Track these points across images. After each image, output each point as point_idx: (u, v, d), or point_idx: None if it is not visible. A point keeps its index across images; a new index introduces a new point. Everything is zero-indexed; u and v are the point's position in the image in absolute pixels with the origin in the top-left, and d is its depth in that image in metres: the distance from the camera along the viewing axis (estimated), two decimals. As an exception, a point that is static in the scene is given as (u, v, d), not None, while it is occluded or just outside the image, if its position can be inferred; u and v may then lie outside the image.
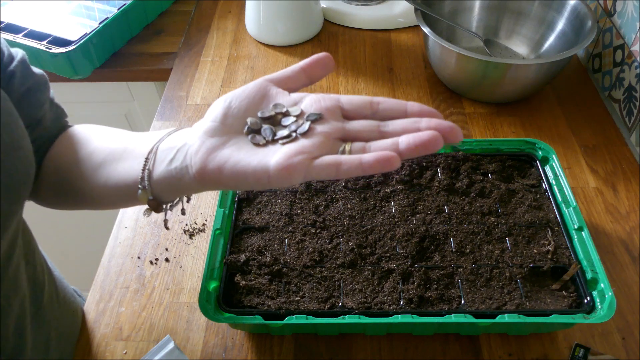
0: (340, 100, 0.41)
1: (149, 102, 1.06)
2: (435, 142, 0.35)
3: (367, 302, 0.55)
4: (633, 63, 0.79)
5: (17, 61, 0.48)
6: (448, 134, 0.36)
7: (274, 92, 0.42)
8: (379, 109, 0.40)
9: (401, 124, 0.38)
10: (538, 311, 0.53)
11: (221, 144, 0.40)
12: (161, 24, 1.06)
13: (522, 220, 0.62)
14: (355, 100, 0.41)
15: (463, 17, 0.95)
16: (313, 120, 0.39)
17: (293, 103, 0.42)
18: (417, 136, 0.35)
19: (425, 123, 0.37)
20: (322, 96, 0.41)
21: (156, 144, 0.44)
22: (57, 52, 0.87)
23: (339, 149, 0.38)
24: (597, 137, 0.80)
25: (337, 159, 0.36)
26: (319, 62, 0.42)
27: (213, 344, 0.58)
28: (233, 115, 0.41)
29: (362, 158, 0.35)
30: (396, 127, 0.38)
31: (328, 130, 0.39)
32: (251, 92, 0.42)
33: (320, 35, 1.02)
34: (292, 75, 0.43)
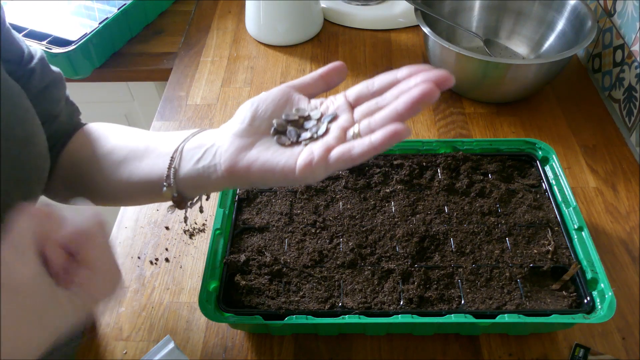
0: (346, 94, 0.44)
1: (149, 102, 1.06)
2: (429, 93, 0.37)
3: (367, 302, 0.55)
4: (633, 63, 0.79)
5: (37, 59, 0.50)
6: (440, 82, 0.37)
7: (296, 97, 0.45)
8: (374, 87, 0.43)
9: (395, 91, 0.40)
10: (538, 311, 0.53)
11: (249, 144, 0.42)
12: (161, 24, 1.06)
13: (522, 220, 0.62)
14: (355, 90, 0.44)
15: (463, 17, 0.95)
16: (330, 121, 0.43)
17: (312, 108, 0.45)
18: (410, 94, 0.37)
19: (414, 81, 0.39)
20: (334, 97, 0.45)
21: (182, 144, 0.46)
22: (57, 52, 0.87)
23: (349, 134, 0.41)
24: (597, 137, 0.80)
25: (349, 146, 0.38)
26: (335, 70, 0.46)
27: (213, 344, 0.58)
28: (260, 117, 0.44)
29: (372, 138, 0.37)
30: (392, 96, 0.40)
31: (341, 125, 0.42)
32: (276, 97, 0.45)
33: (320, 35, 1.02)
34: (312, 82, 0.46)
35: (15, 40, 0.48)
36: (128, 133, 0.54)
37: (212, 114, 0.86)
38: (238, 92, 0.90)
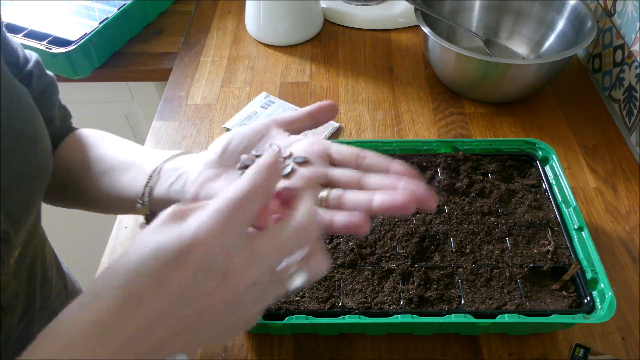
0: (331, 148, 0.42)
1: (149, 102, 1.06)
2: (407, 207, 0.35)
3: (367, 302, 0.55)
4: (633, 63, 0.79)
5: (33, 63, 0.51)
6: (422, 201, 0.35)
7: (274, 132, 0.44)
8: (363, 162, 0.41)
9: (380, 181, 0.38)
10: (538, 311, 0.53)
11: (215, 176, 0.43)
12: (161, 24, 1.06)
13: (522, 220, 0.62)
14: (343, 150, 0.42)
15: (463, 17, 0.95)
16: (299, 163, 0.41)
17: (287, 144, 0.43)
18: (391, 197, 0.35)
19: (403, 185, 0.37)
20: (315, 141, 0.43)
21: (162, 164, 0.47)
22: (57, 52, 0.87)
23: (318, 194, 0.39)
24: (597, 137, 0.80)
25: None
26: (325, 109, 0.45)
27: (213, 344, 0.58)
28: (231, 150, 0.44)
29: (334, 217, 0.36)
30: (375, 182, 0.38)
31: (310, 175, 0.40)
32: (253, 131, 0.44)
33: (320, 35, 1.02)
34: (299, 119, 0.45)
35: (11, 44, 0.49)
36: (118, 143, 0.54)
37: (212, 114, 0.86)
38: (238, 92, 0.90)
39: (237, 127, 0.46)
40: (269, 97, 0.88)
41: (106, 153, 0.52)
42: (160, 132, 0.83)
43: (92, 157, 0.52)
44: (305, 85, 0.91)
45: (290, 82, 0.92)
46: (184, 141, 0.82)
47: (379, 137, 0.82)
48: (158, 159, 0.48)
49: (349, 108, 0.87)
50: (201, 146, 0.81)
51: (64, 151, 0.54)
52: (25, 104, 0.44)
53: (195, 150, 0.80)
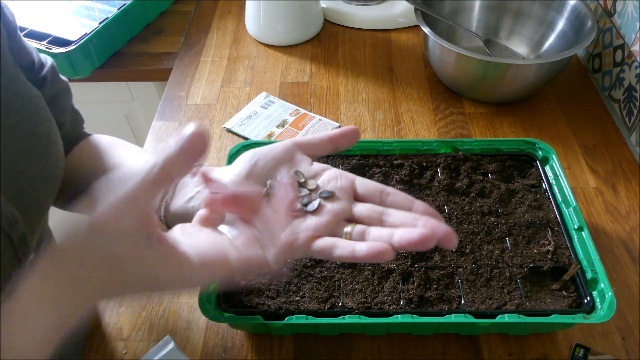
0: (355, 182, 0.43)
1: (149, 102, 1.06)
2: (427, 241, 0.36)
3: (367, 302, 0.55)
4: (633, 63, 0.79)
5: (48, 67, 0.51)
6: (442, 238, 0.36)
7: (298, 158, 0.45)
8: (387, 199, 0.42)
9: (401, 218, 0.40)
10: (538, 311, 0.53)
11: None
12: (161, 24, 1.06)
13: (522, 220, 0.62)
14: (369, 185, 0.43)
15: (463, 17, 0.95)
16: (325, 197, 0.42)
17: (313, 174, 0.44)
18: (410, 232, 0.37)
19: (423, 222, 0.38)
20: (340, 174, 0.44)
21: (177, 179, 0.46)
22: (57, 52, 0.87)
23: (342, 229, 0.40)
24: (597, 137, 0.80)
25: (334, 244, 0.39)
26: (348, 135, 0.45)
27: (213, 344, 0.58)
28: (257, 173, 0.44)
29: (355, 247, 0.37)
30: (396, 220, 0.40)
31: (336, 211, 0.41)
32: (278, 154, 0.44)
33: (320, 35, 1.02)
34: (319, 144, 0.45)
35: (26, 48, 0.50)
36: (132, 152, 0.54)
37: (212, 114, 0.86)
38: (238, 92, 0.90)
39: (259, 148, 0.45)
40: (269, 97, 0.88)
41: (120, 163, 0.52)
42: (160, 132, 0.83)
43: (107, 166, 0.52)
44: (305, 85, 0.91)
45: (290, 82, 0.92)
46: (184, 141, 0.82)
47: (379, 137, 0.82)
48: None
49: (349, 108, 0.87)
50: (201, 146, 0.81)
51: (76, 157, 0.54)
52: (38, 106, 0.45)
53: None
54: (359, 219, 0.41)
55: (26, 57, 0.49)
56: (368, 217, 0.41)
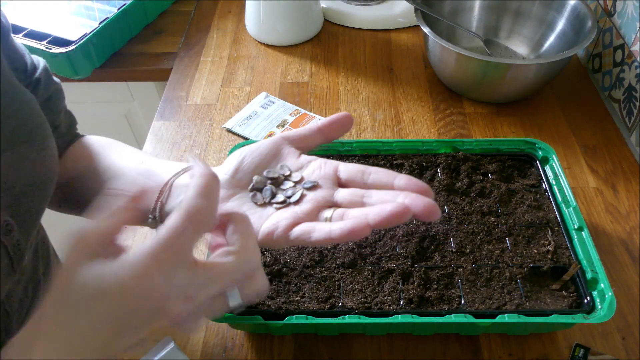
0: (339, 168, 0.43)
1: (149, 102, 1.06)
2: (400, 216, 0.35)
3: (367, 302, 0.55)
4: (633, 63, 0.79)
5: (41, 69, 0.51)
6: (421, 210, 0.36)
7: (285, 152, 0.45)
8: (369, 179, 0.42)
9: (381, 196, 0.39)
10: (538, 311, 0.53)
11: (227, 197, 0.43)
12: (161, 24, 1.06)
13: (522, 220, 0.62)
14: (350, 168, 0.43)
15: (463, 17, 0.95)
16: (308, 188, 0.43)
17: (299, 166, 0.44)
18: (383, 208, 0.36)
19: (402, 197, 0.37)
20: (324, 162, 0.44)
21: (172, 178, 0.46)
22: (57, 52, 0.87)
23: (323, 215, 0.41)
24: (597, 137, 0.80)
25: (310, 228, 0.39)
26: (338, 122, 0.44)
27: (213, 344, 0.58)
28: (243, 170, 0.44)
29: (332, 228, 0.37)
30: (376, 200, 0.39)
31: (317, 198, 0.41)
32: (264, 150, 0.44)
33: (320, 35, 1.02)
34: (309, 135, 0.45)
35: (19, 50, 0.49)
36: (125, 153, 0.54)
37: (212, 114, 0.86)
38: (238, 92, 0.90)
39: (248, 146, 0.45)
40: (269, 97, 0.88)
41: (113, 163, 0.52)
42: (160, 132, 0.83)
43: (99, 167, 0.52)
44: (305, 85, 0.91)
45: (290, 82, 0.92)
46: (184, 141, 0.82)
47: (379, 137, 0.82)
48: (168, 172, 0.48)
49: (349, 108, 0.87)
50: (201, 146, 0.81)
51: (70, 159, 0.54)
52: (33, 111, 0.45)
53: (195, 150, 0.80)
54: (341, 204, 0.41)
55: (19, 60, 0.49)
56: (350, 201, 0.41)
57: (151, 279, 0.31)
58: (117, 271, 0.31)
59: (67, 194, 0.54)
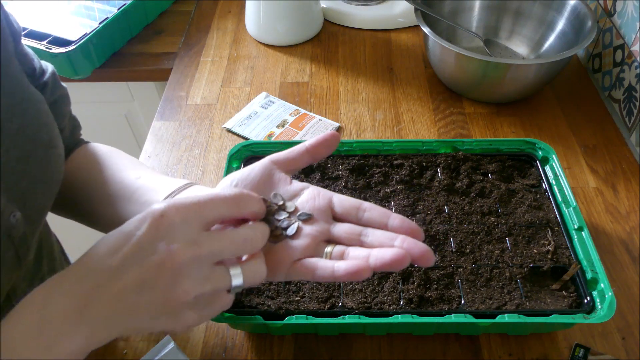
0: (333, 200, 0.44)
1: (149, 102, 1.06)
2: (400, 262, 0.37)
3: (367, 302, 0.55)
4: (633, 63, 0.79)
5: (49, 74, 0.52)
6: (418, 256, 0.38)
7: (276, 178, 0.45)
8: (364, 217, 0.42)
9: (379, 238, 0.40)
10: (538, 311, 0.53)
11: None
12: (161, 24, 1.06)
13: (522, 220, 0.62)
14: (345, 204, 0.43)
15: (463, 17, 0.95)
16: (304, 220, 0.42)
17: (292, 194, 0.44)
18: (384, 253, 0.38)
19: (399, 241, 0.39)
20: (318, 193, 0.44)
21: (168, 197, 0.47)
22: (57, 52, 0.87)
23: (322, 250, 0.41)
24: (597, 137, 0.80)
25: (314, 264, 0.39)
26: (325, 143, 0.44)
27: (213, 344, 0.58)
28: None
29: (335, 267, 0.38)
30: (374, 240, 0.40)
31: (314, 233, 0.42)
32: (256, 177, 0.44)
33: (320, 35, 1.02)
34: (297, 157, 0.45)
35: (28, 54, 0.50)
36: (124, 166, 0.54)
37: (212, 114, 0.86)
38: (238, 92, 0.90)
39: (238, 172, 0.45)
40: (269, 97, 0.88)
41: (111, 178, 0.53)
42: (160, 132, 0.83)
43: (99, 179, 0.53)
44: (305, 85, 0.91)
45: (290, 82, 0.92)
46: (184, 141, 0.82)
47: (379, 137, 0.82)
48: (165, 189, 0.49)
49: (349, 108, 0.87)
50: (201, 146, 0.81)
51: (71, 166, 0.55)
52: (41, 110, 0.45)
53: (195, 150, 0.80)
54: (338, 239, 0.42)
55: (28, 63, 0.50)
56: (347, 238, 0.42)
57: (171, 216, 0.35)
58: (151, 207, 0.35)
59: (67, 200, 0.55)
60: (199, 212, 0.36)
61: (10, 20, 0.46)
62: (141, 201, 0.49)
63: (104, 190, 0.52)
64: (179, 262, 0.34)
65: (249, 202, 0.38)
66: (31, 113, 0.44)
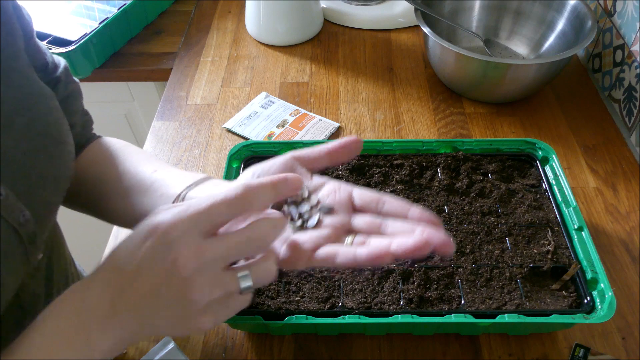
0: (353, 194, 0.44)
1: (149, 102, 1.06)
2: (422, 249, 0.37)
3: (367, 302, 0.55)
4: (633, 63, 0.79)
5: (62, 68, 0.52)
6: (439, 245, 0.38)
7: (298, 172, 0.45)
8: (384, 208, 0.43)
9: (399, 227, 0.41)
10: (538, 311, 0.53)
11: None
12: (161, 24, 1.06)
13: (522, 220, 0.62)
14: (365, 196, 0.44)
15: (463, 17, 0.95)
16: (325, 212, 0.43)
17: (313, 188, 0.46)
18: (406, 241, 0.38)
19: (420, 230, 0.39)
20: (339, 186, 0.45)
21: (185, 191, 0.48)
22: (57, 52, 0.87)
23: (343, 240, 0.42)
24: (597, 137, 0.80)
25: (335, 251, 0.40)
26: (347, 147, 0.45)
27: (213, 344, 0.58)
28: None
29: (356, 252, 0.39)
30: (394, 230, 0.41)
31: (335, 224, 0.43)
32: (278, 169, 0.45)
33: (320, 35, 1.02)
34: (317, 157, 0.45)
35: (40, 49, 0.50)
36: (138, 160, 0.55)
37: (212, 114, 0.86)
38: (238, 92, 0.90)
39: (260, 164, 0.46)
40: (269, 97, 0.88)
41: (126, 172, 0.53)
42: (160, 132, 0.83)
43: (114, 173, 0.53)
44: (305, 85, 0.91)
45: (290, 82, 0.92)
46: (184, 141, 0.82)
47: (379, 137, 0.82)
48: (181, 183, 0.49)
49: (349, 108, 0.87)
50: (201, 146, 0.81)
51: (85, 160, 0.55)
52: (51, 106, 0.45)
53: (195, 150, 0.80)
54: (359, 230, 0.42)
55: (40, 58, 0.50)
56: (368, 229, 0.42)
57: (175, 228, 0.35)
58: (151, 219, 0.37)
59: (82, 195, 0.55)
60: (199, 221, 0.36)
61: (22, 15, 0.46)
62: (157, 194, 0.49)
63: (119, 184, 0.52)
64: (184, 273, 0.35)
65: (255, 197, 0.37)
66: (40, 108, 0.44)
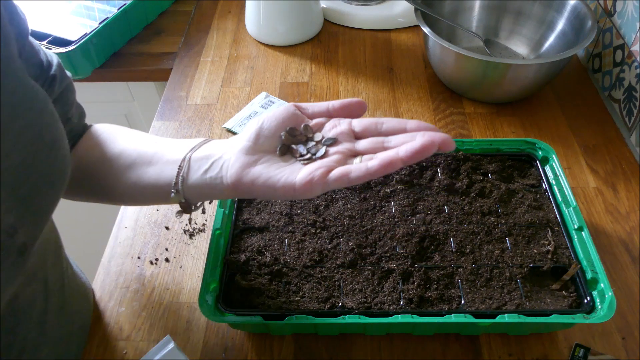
0: (352, 123, 0.47)
1: (149, 102, 1.06)
2: (429, 148, 0.40)
3: (367, 302, 0.55)
4: (633, 63, 0.79)
5: (55, 65, 0.52)
6: (441, 143, 0.41)
7: (300, 117, 0.49)
8: (382, 128, 0.46)
9: (401, 139, 0.44)
10: (538, 311, 0.53)
11: (254, 161, 0.46)
12: (161, 24, 1.06)
13: (522, 220, 0.62)
14: (363, 122, 0.47)
15: (463, 17, 0.95)
16: (329, 145, 0.46)
17: (315, 129, 0.48)
18: (413, 144, 0.41)
19: (421, 134, 0.42)
20: (337, 121, 0.48)
21: (189, 152, 0.49)
22: (57, 52, 0.87)
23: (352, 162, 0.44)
24: (597, 137, 0.80)
25: (347, 169, 0.42)
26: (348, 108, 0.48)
27: (213, 344, 0.58)
28: (264, 135, 0.47)
29: (368, 164, 0.42)
30: (397, 141, 0.44)
31: (342, 150, 0.46)
32: (280, 115, 0.48)
33: (320, 35, 1.02)
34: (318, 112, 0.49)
35: (35, 48, 0.50)
36: (135, 136, 0.56)
37: (212, 114, 0.86)
38: (238, 92, 0.90)
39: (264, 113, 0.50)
40: (269, 97, 0.88)
41: (126, 148, 0.53)
42: (160, 132, 0.83)
43: (113, 152, 0.54)
44: (305, 85, 0.91)
45: (290, 82, 0.92)
46: (184, 141, 0.82)
47: (379, 137, 0.82)
48: (181, 148, 0.50)
49: (349, 108, 0.87)
50: (201, 146, 0.81)
51: (82, 149, 0.55)
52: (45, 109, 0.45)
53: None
54: (364, 151, 0.45)
55: (35, 57, 0.49)
56: (372, 148, 0.45)
57: None
58: None
59: (83, 183, 0.55)
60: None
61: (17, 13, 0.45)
62: (163, 161, 0.50)
63: (121, 160, 0.53)
64: None
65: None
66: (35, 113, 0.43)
